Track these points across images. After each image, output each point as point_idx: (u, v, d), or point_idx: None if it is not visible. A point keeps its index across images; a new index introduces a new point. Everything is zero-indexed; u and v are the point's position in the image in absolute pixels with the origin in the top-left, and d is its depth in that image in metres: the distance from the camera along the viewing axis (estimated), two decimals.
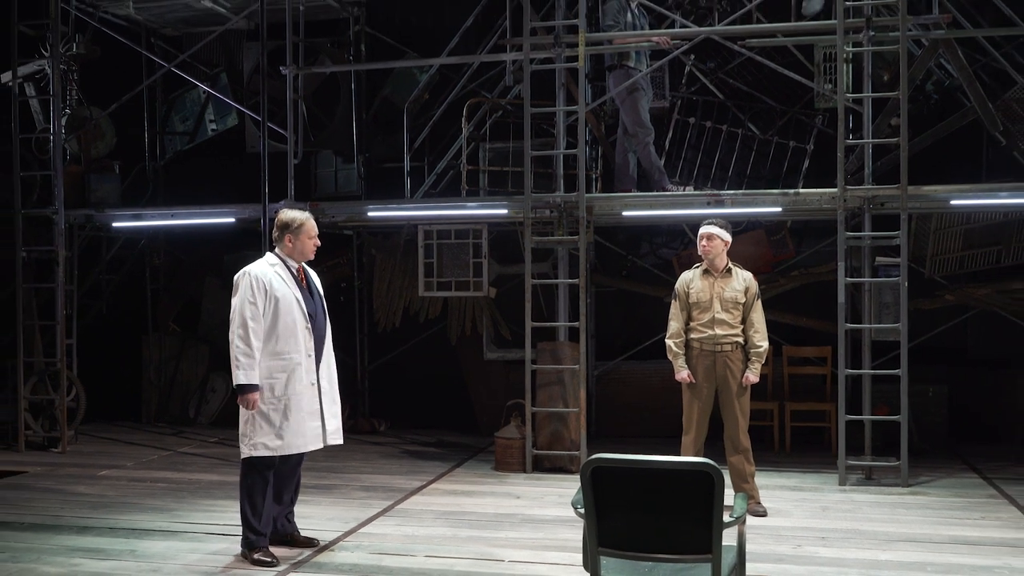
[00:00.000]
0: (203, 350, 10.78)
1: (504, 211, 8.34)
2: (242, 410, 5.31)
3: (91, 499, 7.03)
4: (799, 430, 8.89)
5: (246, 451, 5.29)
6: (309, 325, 5.39)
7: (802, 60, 8.77)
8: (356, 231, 10.27)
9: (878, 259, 7.82)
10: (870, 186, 7.53)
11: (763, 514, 6.40)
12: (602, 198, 8.16)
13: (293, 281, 5.42)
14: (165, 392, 10.79)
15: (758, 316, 6.38)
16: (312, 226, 5.52)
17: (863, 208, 7.53)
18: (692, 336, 6.42)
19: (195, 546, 5.77)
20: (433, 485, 7.47)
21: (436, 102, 9.69)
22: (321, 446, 5.47)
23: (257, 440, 5.26)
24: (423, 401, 10.32)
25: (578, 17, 7.89)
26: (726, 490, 3.57)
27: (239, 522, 5.45)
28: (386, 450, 9.03)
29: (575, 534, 5.56)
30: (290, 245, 5.47)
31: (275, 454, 5.31)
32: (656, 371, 9.12)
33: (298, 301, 5.38)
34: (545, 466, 7.92)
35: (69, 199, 9.31)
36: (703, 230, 6.40)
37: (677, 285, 6.55)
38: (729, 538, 3.72)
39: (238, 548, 5.48)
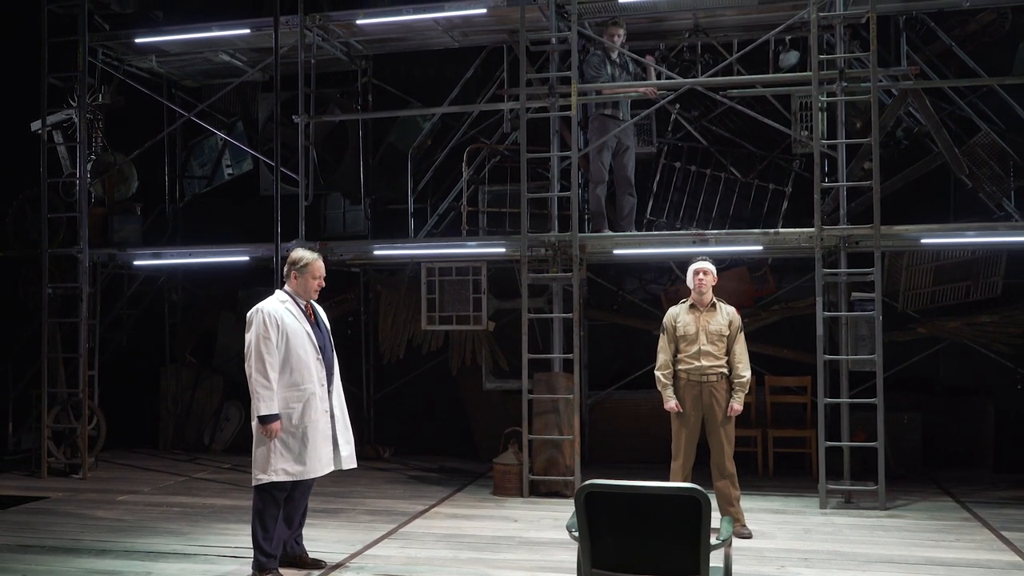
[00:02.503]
0: (217, 381, 10.72)
1: (502, 250, 8.34)
2: (256, 438, 5.27)
3: (109, 523, 6.95)
4: (781, 456, 8.83)
5: (264, 477, 5.23)
6: (320, 357, 5.39)
7: (780, 109, 8.85)
8: (363, 268, 10.27)
9: (854, 294, 7.81)
10: (845, 226, 7.54)
11: (748, 536, 6.33)
12: (594, 237, 8.16)
13: (303, 316, 5.41)
14: (181, 421, 10.71)
15: (741, 348, 6.37)
16: (319, 267, 5.50)
17: (839, 246, 7.54)
18: (679, 367, 6.40)
19: (208, 568, 5.69)
20: (435, 509, 7.39)
21: (438, 148, 9.75)
22: (334, 470, 5.44)
23: (278, 466, 5.22)
24: (425, 429, 10.25)
25: (571, 69, 7.95)
26: (713, 514, 3.54)
27: (250, 545, 5.38)
28: (390, 476, 8.95)
29: (570, 556, 5.49)
30: (295, 282, 5.47)
31: (295, 479, 5.27)
32: (646, 400, 9.07)
33: (308, 335, 5.37)
34: (541, 491, 7.84)
35: (93, 239, 9.32)
36: (698, 265, 6.40)
37: (665, 319, 6.53)
38: (716, 559, 3.68)
39: (249, 570, 5.41)
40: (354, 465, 5.55)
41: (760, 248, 8.05)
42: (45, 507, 7.59)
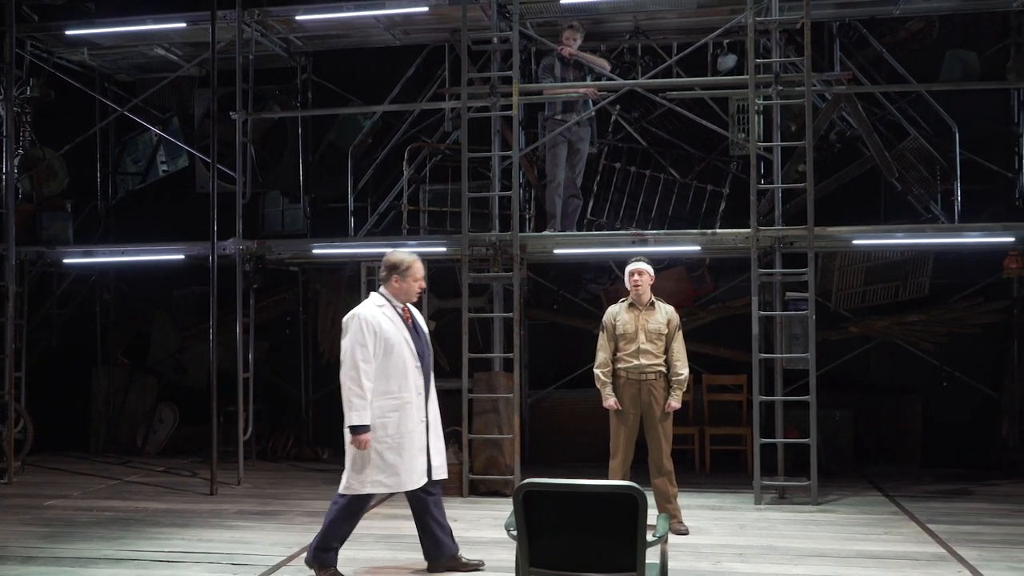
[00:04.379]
0: (151, 381, 10.48)
1: (443, 249, 8.31)
2: (350, 447, 5.10)
3: (36, 529, 6.74)
4: (718, 453, 8.96)
5: (358, 487, 5.08)
6: (418, 364, 5.20)
7: (718, 111, 8.98)
8: (302, 267, 10.14)
9: (788, 294, 7.96)
10: (780, 227, 7.69)
11: (685, 533, 6.41)
12: (534, 237, 8.19)
13: (400, 321, 5.20)
14: (113, 423, 10.45)
15: (679, 346, 6.44)
16: (419, 268, 5.29)
17: (774, 247, 7.68)
18: (619, 366, 6.45)
19: (140, 574, 5.56)
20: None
21: (379, 146, 9.69)
22: (426, 482, 5.25)
23: (373, 478, 5.06)
24: None
25: (512, 69, 7.96)
26: (650, 511, 3.58)
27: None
28: (329, 476, 8.84)
29: (509, 555, 5.49)
30: (396, 285, 5.24)
31: (390, 491, 5.12)
32: (585, 399, 9.09)
33: (407, 341, 5.17)
34: (481, 490, 7.84)
35: (21, 236, 9.03)
36: (633, 266, 6.45)
37: (604, 318, 6.58)
38: (653, 556, 3.72)
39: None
40: (444, 476, 5.36)
41: (698, 248, 8.16)
42: None
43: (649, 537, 3.55)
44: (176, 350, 10.41)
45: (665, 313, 6.46)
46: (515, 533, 3.59)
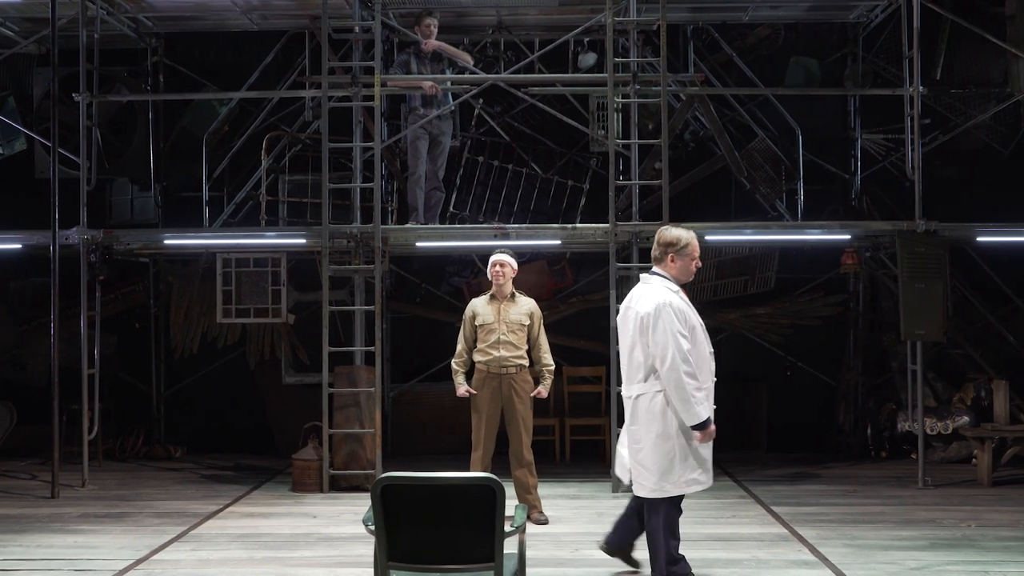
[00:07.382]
0: None
1: (303, 241, 8.15)
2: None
3: None
4: (578, 443, 9.16)
5: (672, 489, 4.71)
6: (712, 350, 4.89)
7: (579, 108, 9.16)
8: (153, 259, 9.70)
9: None
10: (637, 222, 7.91)
11: (545, 522, 6.53)
12: (397, 229, 8.14)
13: (692, 306, 4.87)
14: None
15: (543, 338, 6.59)
16: (697, 246, 4.91)
17: (632, 242, 7.90)
18: (479, 359, 6.50)
19: None
20: (229, 509, 7.12)
21: (236, 134, 9.39)
22: None
23: (687, 476, 4.71)
24: (221, 426, 9.85)
25: (374, 59, 7.87)
26: (509, 502, 3.62)
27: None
28: (182, 475, 8.53)
29: (369, 550, 5.44)
30: (673, 264, 4.87)
31: (703, 488, 4.81)
32: (448, 391, 9.00)
33: (702, 327, 4.86)
34: (342, 485, 7.74)
35: None
36: (496, 258, 6.51)
37: (466, 310, 6.63)
38: (511, 546, 3.77)
39: None
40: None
41: (559, 242, 8.31)
42: None
43: (507, 528, 3.60)
44: (13, 345, 9.77)
45: (526, 306, 6.56)
46: (373, 528, 3.57)
